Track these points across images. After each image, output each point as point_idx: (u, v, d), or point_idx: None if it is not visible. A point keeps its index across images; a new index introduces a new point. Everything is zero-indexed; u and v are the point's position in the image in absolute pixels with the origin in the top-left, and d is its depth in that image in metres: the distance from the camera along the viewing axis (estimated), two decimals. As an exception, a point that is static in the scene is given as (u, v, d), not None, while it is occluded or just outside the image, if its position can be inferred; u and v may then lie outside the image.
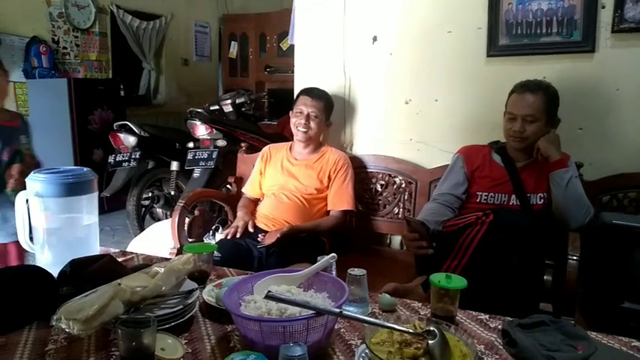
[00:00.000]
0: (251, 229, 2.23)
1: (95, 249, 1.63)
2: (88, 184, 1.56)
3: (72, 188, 1.51)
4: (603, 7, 2.08)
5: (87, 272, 1.31)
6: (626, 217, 1.82)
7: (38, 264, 1.50)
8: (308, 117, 2.33)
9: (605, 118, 2.15)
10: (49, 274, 1.33)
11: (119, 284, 1.18)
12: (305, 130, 2.33)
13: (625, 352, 1.19)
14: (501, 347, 1.20)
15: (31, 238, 1.56)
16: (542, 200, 1.95)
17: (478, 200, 2.03)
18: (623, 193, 2.10)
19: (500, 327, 1.28)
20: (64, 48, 5.13)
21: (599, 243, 1.80)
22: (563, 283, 1.73)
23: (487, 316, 1.37)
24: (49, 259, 1.52)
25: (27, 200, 1.51)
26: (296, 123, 2.36)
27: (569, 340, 1.18)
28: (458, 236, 1.80)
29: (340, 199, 2.31)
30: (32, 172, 1.54)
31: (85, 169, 1.60)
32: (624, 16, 2.03)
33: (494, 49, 2.27)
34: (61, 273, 1.34)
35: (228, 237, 2.20)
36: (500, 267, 1.72)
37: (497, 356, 1.16)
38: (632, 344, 1.22)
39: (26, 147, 2.25)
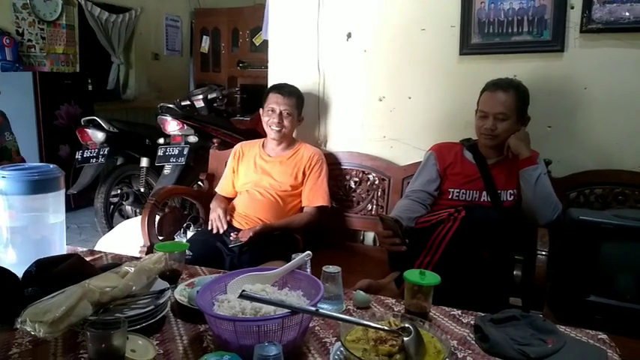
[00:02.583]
0: (222, 230, 2.21)
1: (62, 248, 1.58)
2: (54, 182, 1.52)
3: (37, 186, 1.47)
4: (572, 8, 2.12)
5: (54, 272, 1.27)
6: (593, 212, 1.86)
7: (1, 264, 1.43)
8: (281, 115, 2.31)
9: (574, 116, 2.20)
10: (13, 275, 1.28)
11: (87, 284, 1.14)
12: (278, 128, 2.31)
13: (592, 344, 1.22)
14: (474, 342, 1.21)
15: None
16: (512, 197, 1.98)
17: (450, 197, 2.05)
18: (589, 189, 2.15)
19: (472, 322, 1.30)
20: (29, 40, 4.97)
21: (567, 238, 1.84)
22: (533, 277, 1.76)
23: (459, 312, 1.38)
24: (13, 259, 1.47)
25: (-10, 198, 1.45)
26: (269, 122, 2.33)
27: (540, 334, 1.21)
28: (430, 233, 1.81)
29: (315, 195, 2.31)
30: None
31: (52, 165, 1.56)
32: (592, 17, 2.08)
33: (467, 48, 2.29)
34: (26, 273, 1.29)
35: (220, 231, 2.19)
36: (472, 263, 1.75)
37: (470, 351, 1.17)
38: (599, 337, 1.26)
39: (12, 144, 2.19)
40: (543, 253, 1.77)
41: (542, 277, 1.74)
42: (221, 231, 2.19)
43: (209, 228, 2.25)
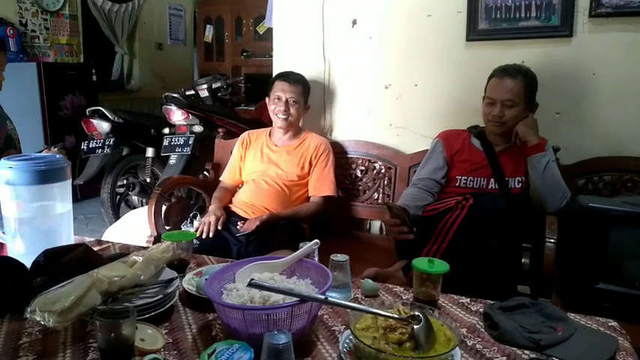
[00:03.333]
0: (219, 227, 2.13)
1: (69, 238, 1.59)
2: (60, 172, 1.51)
3: (44, 176, 1.46)
4: (581, -8, 2.09)
5: (62, 262, 1.27)
6: (602, 199, 1.85)
7: (10, 254, 1.45)
8: (287, 103, 2.30)
9: (582, 102, 2.18)
10: (22, 265, 1.28)
11: (96, 274, 1.14)
12: (285, 116, 2.30)
13: (602, 332, 1.21)
14: (483, 330, 1.21)
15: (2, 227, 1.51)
16: (520, 184, 1.97)
17: (457, 184, 2.04)
18: (598, 176, 2.14)
19: (481, 310, 1.30)
20: (33, 31, 4.95)
21: (575, 226, 1.83)
22: (541, 265, 1.75)
23: (468, 300, 1.38)
24: (21, 250, 1.47)
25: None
26: (275, 110, 2.32)
27: (549, 322, 1.20)
28: (438, 221, 1.81)
29: (322, 185, 2.30)
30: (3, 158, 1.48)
31: (58, 155, 1.56)
32: (601, 1, 2.04)
33: (474, 34, 2.26)
34: (35, 263, 1.30)
35: (203, 236, 2.09)
36: (480, 251, 1.74)
37: (480, 339, 1.17)
38: (609, 324, 1.25)
39: (14, 132, 2.20)
40: (552, 240, 1.76)
41: (551, 265, 1.73)
42: (204, 236, 2.09)
43: (198, 230, 2.12)
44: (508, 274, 1.80)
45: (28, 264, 1.30)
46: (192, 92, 3.98)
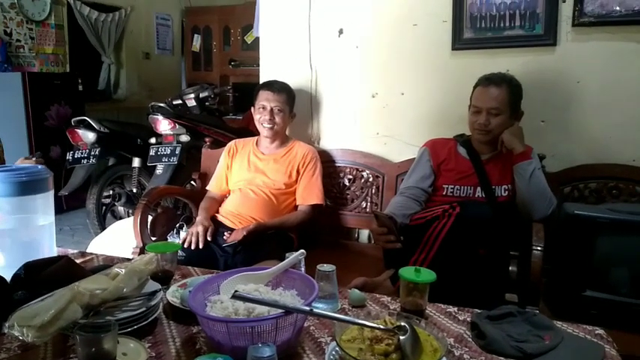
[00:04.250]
0: (209, 238, 2.11)
1: (51, 250, 1.56)
2: (42, 183, 1.49)
3: (25, 187, 1.44)
4: (564, 1, 2.11)
5: (42, 275, 1.25)
6: (588, 207, 1.86)
7: (-11, 267, 1.42)
8: (272, 112, 2.29)
9: (567, 110, 2.20)
10: (2, 278, 1.25)
11: (77, 287, 1.12)
12: (270, 125, 2.29)
13: (589, 340, 1.21)
14: (471, 340, 1.20)
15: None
16: (506, 192, 1.98)
17: (444, 193, 2.04)
18: (584, 183, 2.15)
19: (469, 319, 1.29)
20: (18, 41, 4.90)
21: (562, 233, 1.83)
22: (528, 273, 1.75)
23: (456, 309, 1.37)
24: (1, 262, 1.45)
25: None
26: (260, 119, 2.31)
27: (537, 331, 1.20)
28: (425, 229, 1.80)
29: (310, 194, 2.29)
30: None
31: (40, 166, 1.54)
32: (584, 10, 2.07)
33: (459, 43, 2.28)
34: (15, 276, 1.27)
35: (191, 247, 2.07)
36: (467, 259, 1.74)
37: (467, 349, 1.16)
38: (596, 332, 1.25)
39: None
40: (539, 248, 1.76)
41: (538, 273, 1.73)
42: (192, 247, 2.07)
43: (184, 241, 2.11)
44: (496, 282, 1.80)
45: (8, 277, 1.27)
46: (180, 102, 3.95)
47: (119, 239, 2.78)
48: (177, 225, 2.47)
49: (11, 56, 4.84)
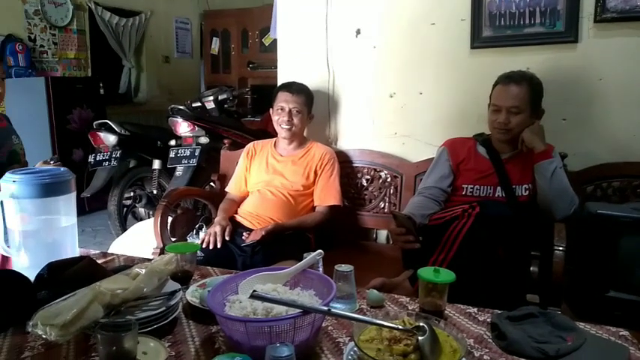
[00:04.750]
0: (227, 237, 2.11)
1: (74, 251, 1.58)
2: (65, 185, 1.51)
3: (48, 189, 1.46)
4: (585, -3, 2.08)
5: (65, 275, 1.27)
6: (611, 206, 1.83)
7: (14, 268, 1.45)
8: (290, 113, 2.30)
9: (589, 108, 2.16)
10: (26, 278, 1.28)
11: (98, 287, 1.14)
12: (289, 127, 2.30)
13: (613, 341, 1.19)
14: (491, 341, 1.19)
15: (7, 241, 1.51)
16: (527, 191, 1.95)
17: (464, 193, 2.02)
18: (607, 182, 2.11)
19: (489, 320, 1.27)
20: (41, 46, 5.02)
21: (584, 233, 1.80)
22: (550, 273, 1.73)
23: (475, 310, 1.35)
24: (25, 263, 1.47)
25: (1, 202, 1.46)
26: (279, 120, 2.32)
27: (558, 332, 1.18)
28: (444, 229, 1.79)
29: (327, 195, 2.29)
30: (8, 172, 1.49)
31: (63, 169, 1.56)
32: (606, 6, 2.03)
33: (478, 41, 2.26)
34: (38, 277, 1.29)
35: (209, 246, 2.08)
36: (487, 259, 1.72)
37: (487, 350, 1.14)
38: (620, 333, 1.22)
39: (20, 146, 2.21)
40: (560, 248, 1.73)
41: (560, 273, 1.70)
42: (211, 247, 2.09)
43: (204, 241, 2.12)
44: (516, 283, 1.78)
45: (32, 277, 1.30)
46: (199, 104, 4.00)
47: (140, 240, 2.81)
48: (197, 226, 2.50)
49: (35, 61, 4.95)
